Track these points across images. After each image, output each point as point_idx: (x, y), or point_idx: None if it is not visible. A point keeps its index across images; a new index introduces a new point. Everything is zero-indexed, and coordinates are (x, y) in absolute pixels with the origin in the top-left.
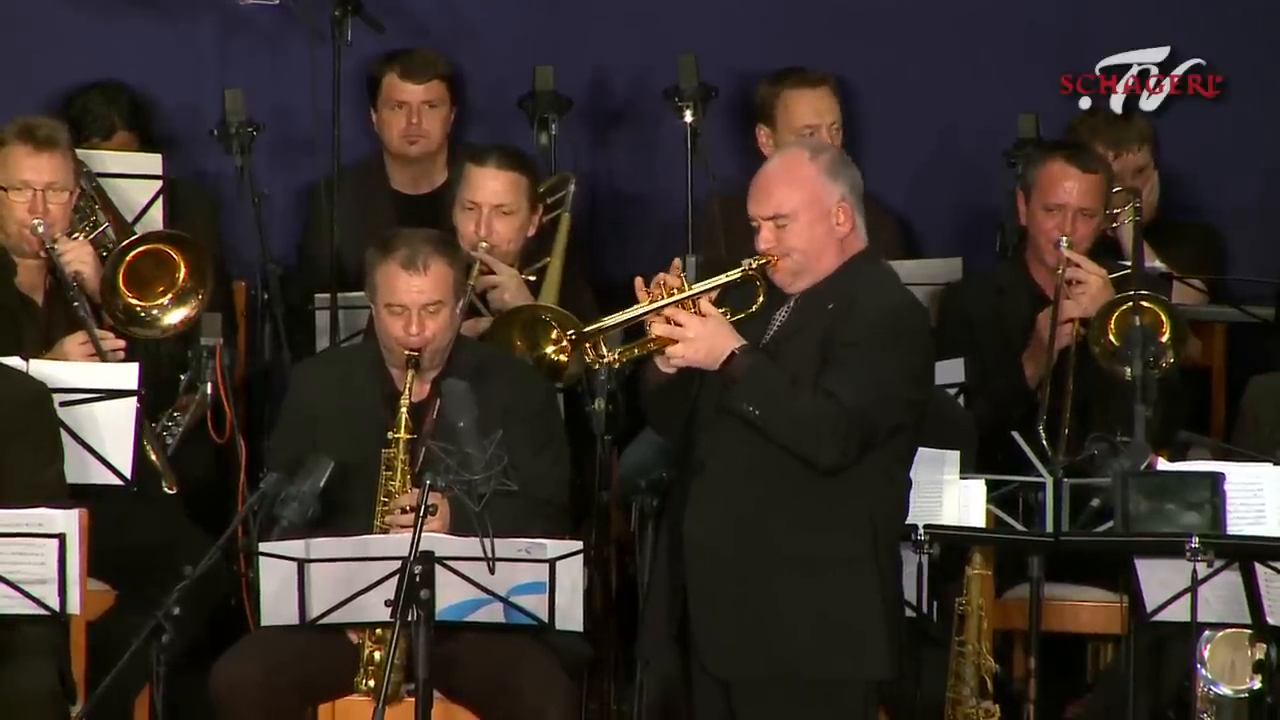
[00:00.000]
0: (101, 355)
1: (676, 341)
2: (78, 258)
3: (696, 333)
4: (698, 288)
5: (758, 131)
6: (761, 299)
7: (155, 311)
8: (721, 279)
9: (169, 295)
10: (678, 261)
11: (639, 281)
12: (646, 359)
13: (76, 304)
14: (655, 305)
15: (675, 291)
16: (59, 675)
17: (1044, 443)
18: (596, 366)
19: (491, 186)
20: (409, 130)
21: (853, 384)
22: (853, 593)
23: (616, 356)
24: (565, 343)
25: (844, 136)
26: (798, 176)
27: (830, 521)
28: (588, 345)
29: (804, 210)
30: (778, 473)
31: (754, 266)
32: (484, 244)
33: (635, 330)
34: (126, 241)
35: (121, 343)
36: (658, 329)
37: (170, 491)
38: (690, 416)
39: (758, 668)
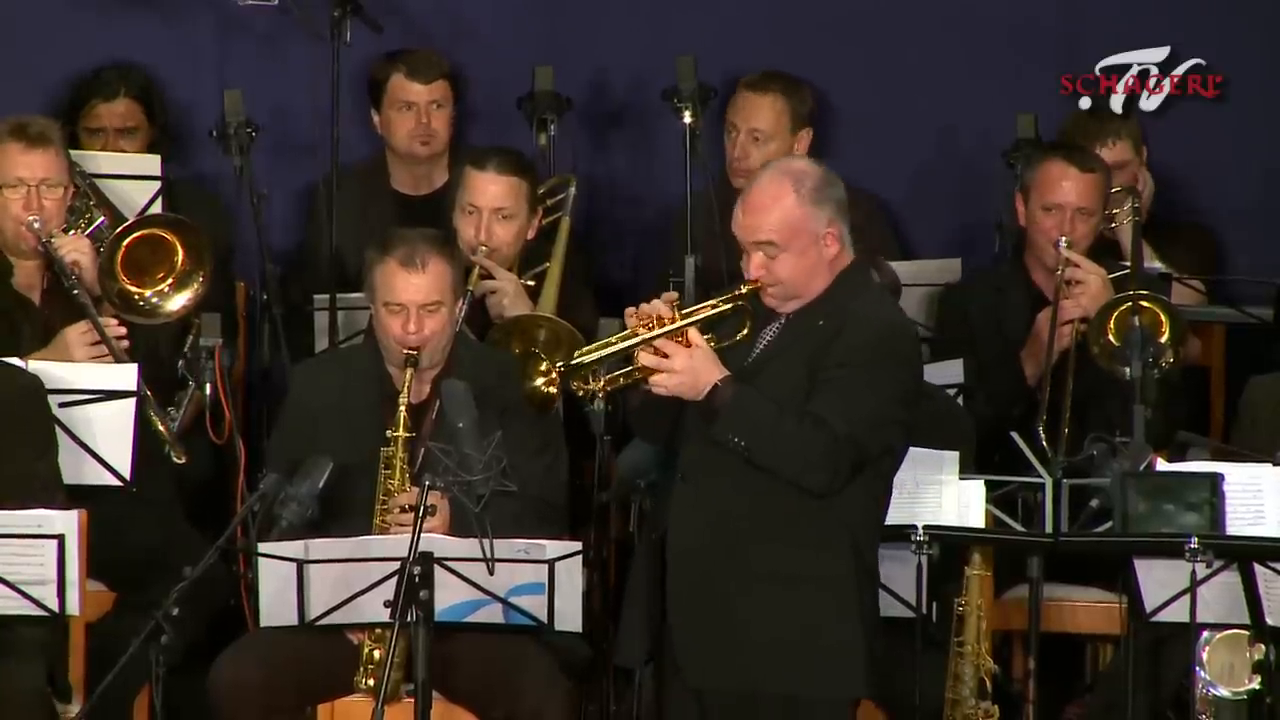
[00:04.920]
0: (107, 343)
1: (662, 371)
2: (75, 248)
3: (682, 365)
4: (687, 317)
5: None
6: (748, 327)
7: (155, 299)
8: (710, 309)
9: (169, 281)
10: (672, 295)
11: (630, 310)
12: (632, 386)
13: (76, 292)
14: (647, 336)
15: (665, 321)
16: (49, 675)
17: (1043, 443)
18: (582, 394)
19: (491, 191)
20: (418, 130)
21: (844, 409)
22: (834, 611)
23: (603, 385)
24: (554, 375)
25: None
26: (786, 209)
27: (812, 539)
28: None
29: (793, 241)
30: (760, 488)
31: (744, 292)
32: (483, 248)
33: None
34: (122, 227)
35: (124, 330)
36: (644, 359)
37: (179, 461)
38: (676, 427)
39: (735, 681)
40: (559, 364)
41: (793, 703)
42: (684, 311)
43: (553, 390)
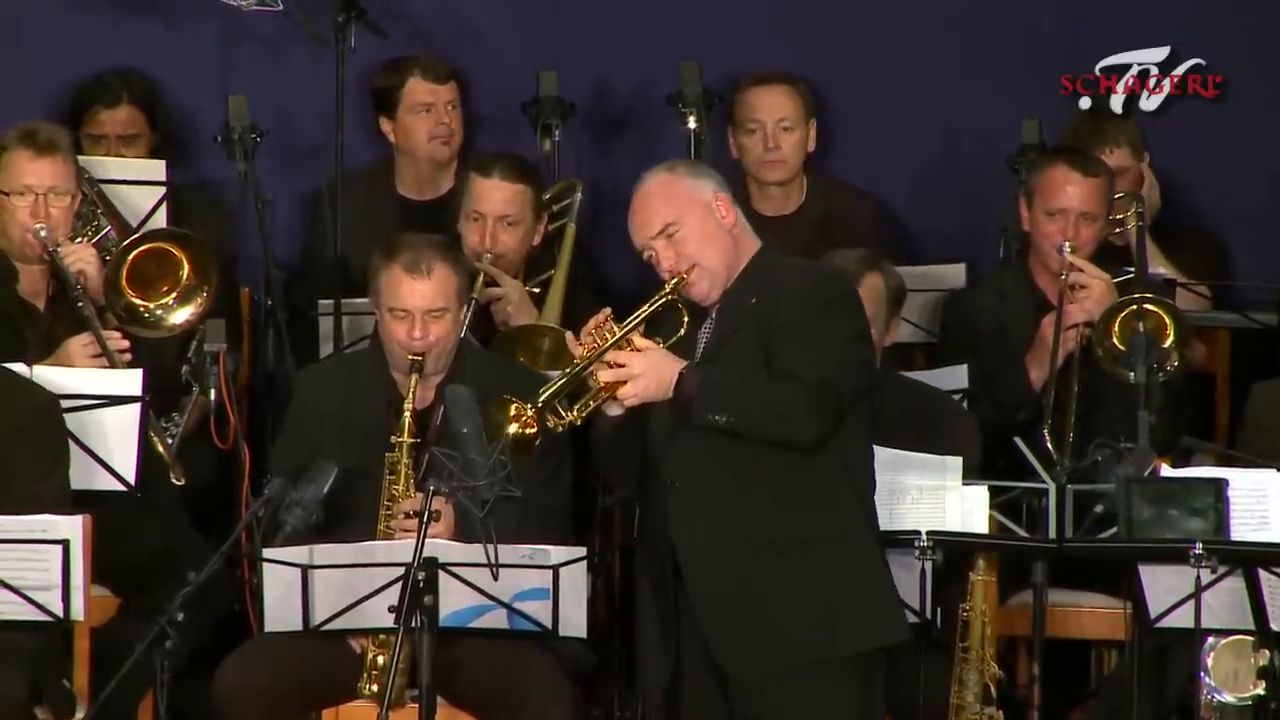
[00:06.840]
0: (107, 355)
1: (625, 383)
2: (81, 258)
3: (641, 368)
4: (625, 326)
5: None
6: (686, 320)
7: (159, 311)
8: (644, 312)
9: (173, 294)
10: (607, 310)
11: (569, 336)
12: (600, 407)
13: (81, 304)
14: (595, 355)
15: (607, 336)
16: (33, 684)
17: (1049, 446)
18: (559, 430)
19: (496, 197)
20: (440, 131)
21: (808, 358)
22: (857, 563)
23: (575, 415)
24: (528, 417)
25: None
26: (668, 187)
27: (815, 501)
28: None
29: (688, 212)
30: (749, 468)
31: (669, 291)
32: (488, 255)
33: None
34: (129, 240)
35: (127, 343)
36: (603, 375)
37: (179, 483)
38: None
39: (784, 663)
40: (529, 407)
41: (831, 666)
42: (622, 324)
43: (530, 431)
